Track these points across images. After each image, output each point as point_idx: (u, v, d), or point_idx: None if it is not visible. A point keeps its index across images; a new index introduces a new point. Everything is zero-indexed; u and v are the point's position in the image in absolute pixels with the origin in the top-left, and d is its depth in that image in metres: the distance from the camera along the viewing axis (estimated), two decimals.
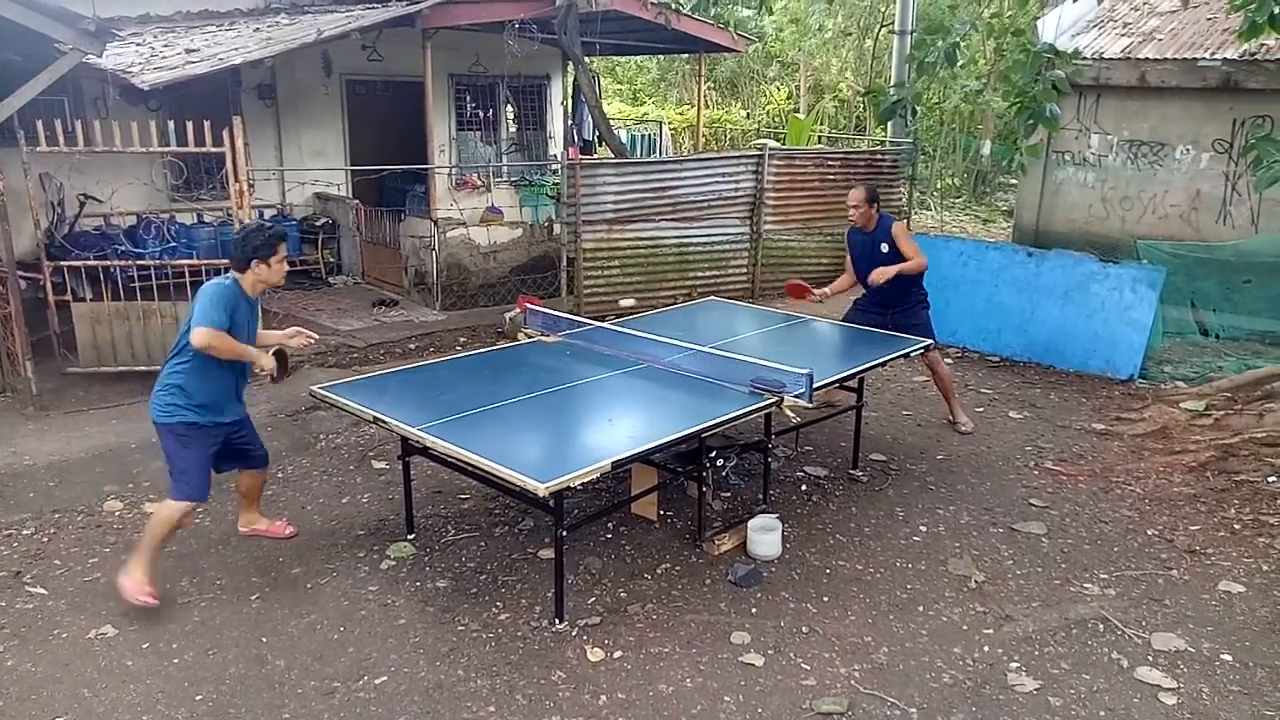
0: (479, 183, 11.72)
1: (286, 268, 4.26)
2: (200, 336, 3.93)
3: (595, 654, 3.76)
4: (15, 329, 6.27)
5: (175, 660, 3.71)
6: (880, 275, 5.82)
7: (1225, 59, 9.14)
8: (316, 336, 4.67)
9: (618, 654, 3.77)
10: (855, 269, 6.19)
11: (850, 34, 20.13)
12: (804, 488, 5.38)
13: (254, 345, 4.31)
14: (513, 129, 12.77)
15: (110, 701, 3.47)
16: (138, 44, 9.08)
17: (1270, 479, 5.31)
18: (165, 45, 9.08)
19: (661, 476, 4.82)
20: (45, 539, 4.69)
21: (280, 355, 4.28)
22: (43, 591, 4.20)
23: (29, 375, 6.29)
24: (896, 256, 5.93)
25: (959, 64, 6.76)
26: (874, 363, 5.31)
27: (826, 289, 6.20)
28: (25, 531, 4.77)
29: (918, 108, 8.15)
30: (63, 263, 6.92)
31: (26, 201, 6.65)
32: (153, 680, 3.59)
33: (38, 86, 5.99)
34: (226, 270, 4.22)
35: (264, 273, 4.15)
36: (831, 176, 10.49)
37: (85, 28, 5.85)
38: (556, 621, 3.96)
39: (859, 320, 6.16)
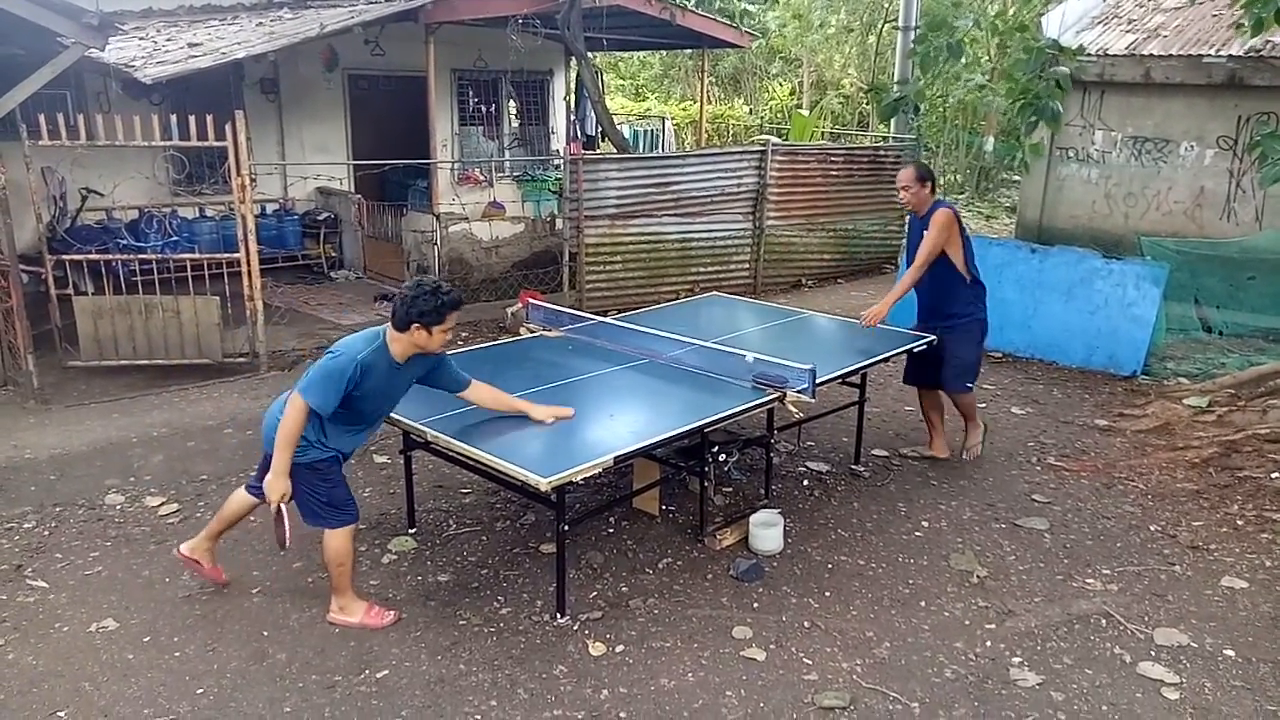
0: (481, 178, 11.71)
1: (449, 338, 3.72)
2: (289, 404, 3.58)
3: (597, 648, 3.76)
4: (17, 322, 6.27)
5: (176, 654, 3.71)
6: (869, 320, 5.21)
7: (1230, 55, 9.11)
8: (571, 414, 4.12)
9: (619, 648, 3.77)
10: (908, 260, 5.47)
11: (853, 30, 20.09)
12: (806, 483, 5.37)
13: (390, 410, 3.91)
14: (515, 124, 12.76)
15: (111, 695, 3.47)
16: (140, 38, 9.08)
17: (1273, 475, 5.30)
18: (168, 39, 9.08)
19: (664, 471, 4.81)
20: (46, 532, 4.69)
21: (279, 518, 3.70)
22: (44, 585, 4.20)
23: (30, 369, 6.29)
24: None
25: (963, 60, 6.72)
26: (877, 359, 5.29)
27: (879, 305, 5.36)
28: (26, 525, 4.77)
29: (920, 104, 8.15)
30: (64, 256, 6.93)
31: (28, 195, 6.66)
32: (154, 674, 3.59)
33: (40, 80, 5.99)
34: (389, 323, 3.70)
35: (422, 339, 3.63)
36: (834, 173, 10.49)
37: (88, 22, 5.84)
38: (558, 616, 3.95)
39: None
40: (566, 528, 3.90)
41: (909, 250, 5.53)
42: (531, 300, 5.95)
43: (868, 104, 18.82)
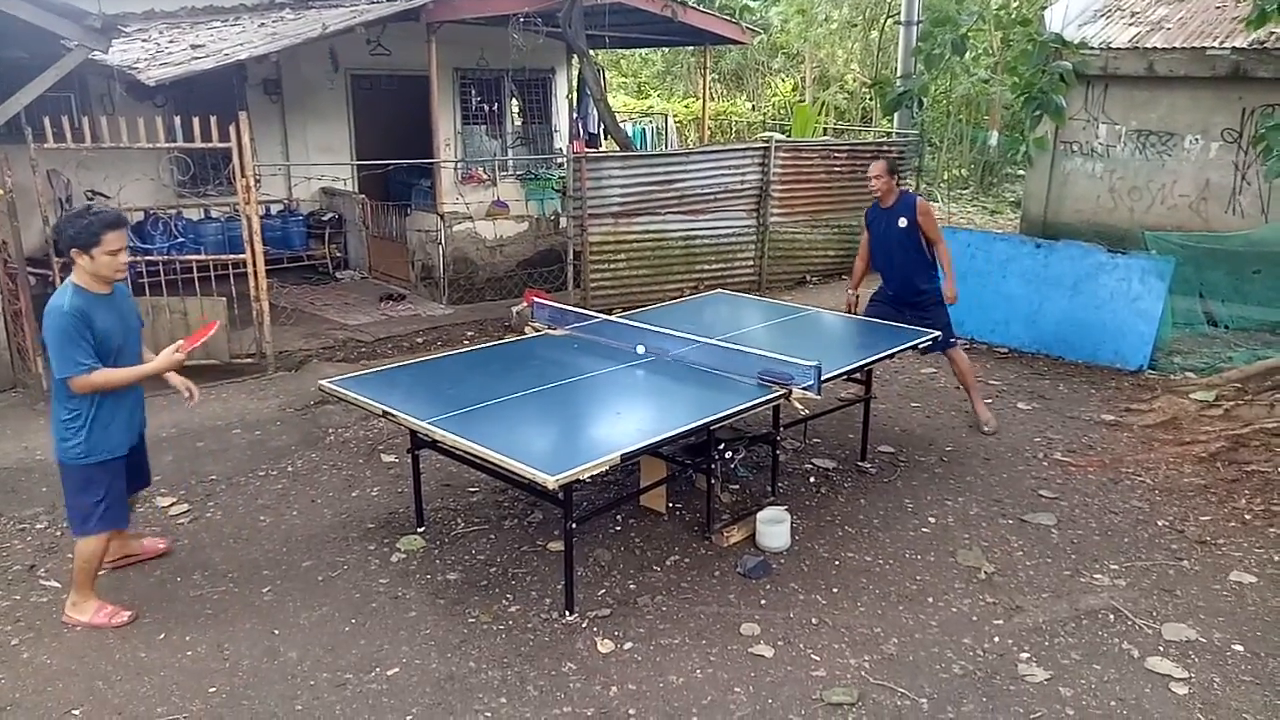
0: (485, 177, 11.72)
1: (123, 259, 3.68)
2: (78, 386, 3.60)
3: (605, 645, 3.77)
4: (26, 324, 6.31)
5: (188, 652, 3.73)
6: (951, 295, 5.84)
7: (1234, 48, 9.09)
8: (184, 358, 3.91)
9: (628, 645, 3.78)
10: (872, 250, 6.12)
11: (856, 25, 20.06)
12: (812, 480, 5.38)
13: (137, 346, 3.91)
14: (518, 123, 12.77)
15: (125, 693, 3.49)
16: (143, 40, 9.10)
17: None
18: (171, 41, 9.10)
19: (670, 469, 4.82)
20: (58, 533, 4.71)
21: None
22: (56, 585, 4.23)
23: (40, 371, 6.32)
24: (914, 235, 5.86)
25: (966, 55, 6.70)
26: (882, 355, 5.30)
27: (852, 291, 6.19)
28: (39, 526, 4.80)
29: (924, 99, 8.12)
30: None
31: (35, 198, 6.67)
32: (166, 672, 3.61)
33: (45, 83, 6.01)
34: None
35: (88, 266, 3.61)
36: (838, 168, 10.48)
37: (91, 24, 5.87)
38: (566, 613, 3.97)
39: (883, 313, 6.04)
40: (574, 525, 3.92)
41: (876, 235, 6.04)
42: (536, 299, 5.96)
43: (871, 99, 18.79)
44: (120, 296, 3.85)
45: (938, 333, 5.61)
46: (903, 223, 5.87)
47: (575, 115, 12.74)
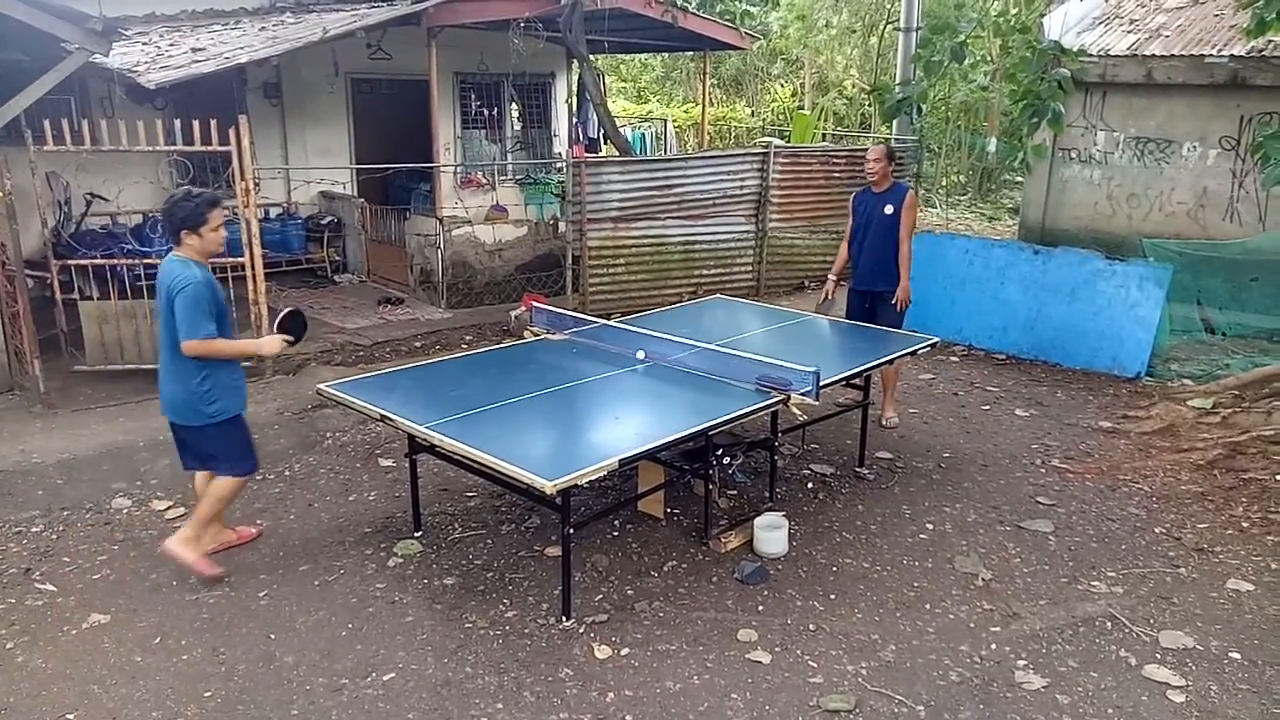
0: (484, 181, 11.71)
1: (224, 234, 4.14)
2: (197, 349, 3.98)
3: (602, 651, 3.77)
4: (23, 327, 6.29)
5: (184, 657, 3.72)
6: (903, 297, 6.00)
7: (1233, 55, 9.11)
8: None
9: (625, 651, 3.78)
10: (853, 233, 6.28)
11: (855, 31, 20.09)
12: (810, 485, 5.38)
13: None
14: (518, 127, 12.78)
15: (120, 698, 3.48)
16: (144, 43, 9.11)
17: (1278, 476, 5.30)
18: (171, 44, 9.11)
19: (668, 474, 4.82)
20: (54, 536, 4.71)
21: (294, 318, 4.30)
22: (52, 588, 4.22)
23: (37, 373, 6.31)
24: (896, 224, 6.01)
25: (965, 62, 6.72)
26: (880, 361, 5.31)
27: (831, 279, 6.46)
28: (34, 529, 4.79)
29: (923, 105, 8.10)
30: (70, 261, 6.94)
31: (34, 200, 6.67)
32: (162, 677, 3.60)
33: (45, 86, 6.01)
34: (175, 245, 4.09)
35: (197, 244, 4.04)
36: (837, 174, 10.47)
37: (92, 27, 5.86)
38: (564, 619, 3.96)
39: (854, 310, 6.26)
40: (571, 531, 3.92)
41: (860, 218, 6.20)
42: (535, 304, 5.98)
43: (870, 105, 18.82)
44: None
45: (936, 338, 5.61)
46: (889, 209, 6.02)
47: (575, 120, 12.73)
